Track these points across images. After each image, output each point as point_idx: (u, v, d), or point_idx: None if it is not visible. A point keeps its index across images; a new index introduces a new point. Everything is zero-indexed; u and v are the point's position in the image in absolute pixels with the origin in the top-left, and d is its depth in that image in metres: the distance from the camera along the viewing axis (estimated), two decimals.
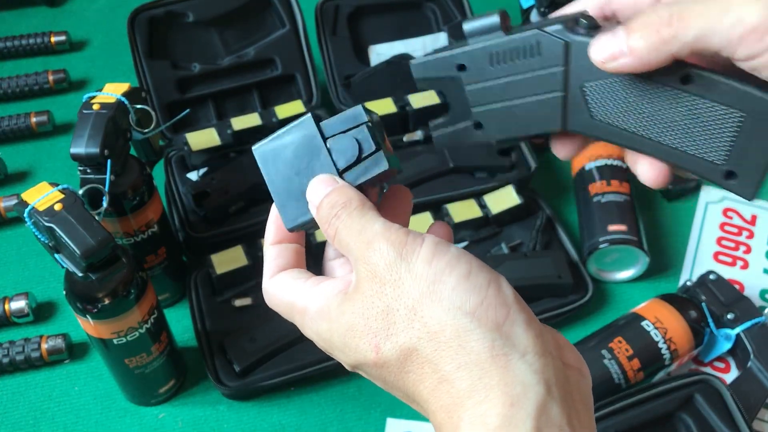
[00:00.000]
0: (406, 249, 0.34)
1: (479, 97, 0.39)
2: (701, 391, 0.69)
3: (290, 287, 0.40)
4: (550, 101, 0.38)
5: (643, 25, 0.34)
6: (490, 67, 0.38)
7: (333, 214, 0.37)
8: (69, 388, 0.79)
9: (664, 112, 0.36)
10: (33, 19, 1.24)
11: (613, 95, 0.36)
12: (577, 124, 0.38)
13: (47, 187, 0.61)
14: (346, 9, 1.02)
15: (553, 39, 0.36)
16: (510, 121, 0.39)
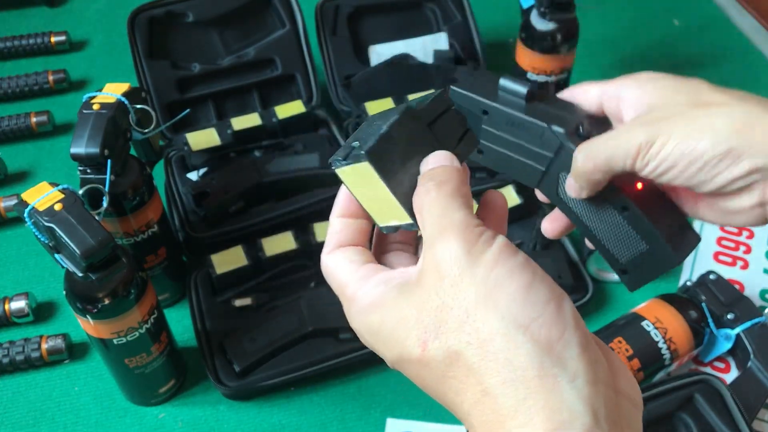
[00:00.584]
0: (475, 248, 0.33)
1: (489, 136, 0.48)
2: (701, 391, 0.69)
3: (345, 269, 0.38)
4: (534, 168, 0.48)
5: (574, 171, 0.46)
6: (505, 125, 0.48)
7: (427, 188, 0.36)
8: (69, 388, 0.79)
9: (604, 216, 0.48)
10: (33, 20, 1.24)
11: None
12: (545, 190, 0.49)
13: (47, 187, 0.61)
14: (346, 9, 1.02)
15: (554, 137, 0.46)
16: (502, 162, 0.49)
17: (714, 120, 0.42)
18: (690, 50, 1.16)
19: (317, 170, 0.88)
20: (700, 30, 1.19)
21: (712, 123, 0.42)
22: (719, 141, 0.42)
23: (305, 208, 0.87)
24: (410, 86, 0.99)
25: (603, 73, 1.13)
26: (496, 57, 1.12)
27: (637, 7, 1.24)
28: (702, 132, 0.42)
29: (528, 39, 0.90)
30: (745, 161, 0.42)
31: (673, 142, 0.42)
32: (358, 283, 0.37)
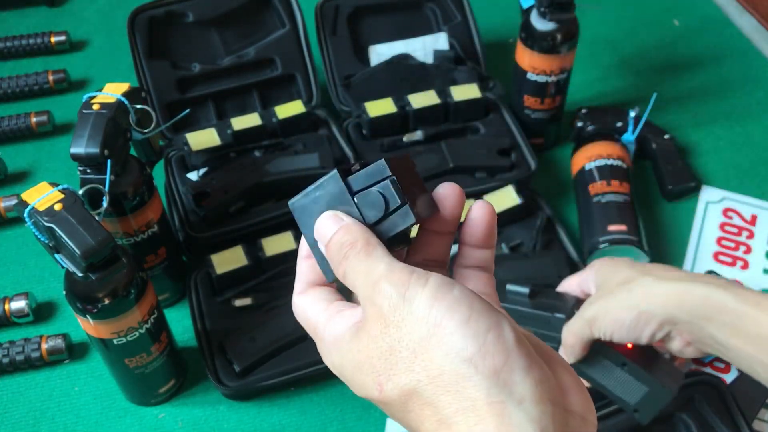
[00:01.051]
0: (409, 291, 0.35)
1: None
2: (701, 391, 0.69)
3: (314, 309, 0.40)
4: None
5: (562, 344, 0.67)
6: (518, 319, 0.55)
7: (342, 255, 0.37)
8: (69, 388, 0.79)
9: (611, 374, 0.65)
10: (33, 20, 1.24)
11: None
12: None
13: (47, 187, 0.61)
14: (346, 9, 1.02)
15: (558, 321, 0.67)
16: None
17: (628, 295, 0.61)
18: (690, 50, 1.16)
19: (317, 170, 0.88)
20: (700, 30, 1.19)
21: (628, 297, 0.61)
22: (632, 309, 0.61)
23: None
24: (410, 86, 0.99)
25: (603, 73, 1.13)
26: (496, 57, 1.12)
27: (637, 7, 1.24)
28: (621, 305, 0.61)
29: (528, 39, 0.90)
30: (653, 319, 0.60)
31: (607, 317, 0.62)
32: (326, 322, 0.39)
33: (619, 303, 0.61)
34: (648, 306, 0.60)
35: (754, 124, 1.05)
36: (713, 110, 1.07)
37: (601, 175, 0.90)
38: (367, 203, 0.39)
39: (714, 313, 0.58)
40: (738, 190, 0.96)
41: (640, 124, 0.95)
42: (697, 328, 0.59)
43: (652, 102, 0.98)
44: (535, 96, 0.95)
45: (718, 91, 1.10)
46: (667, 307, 0.59)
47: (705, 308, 0.58)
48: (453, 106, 0.95)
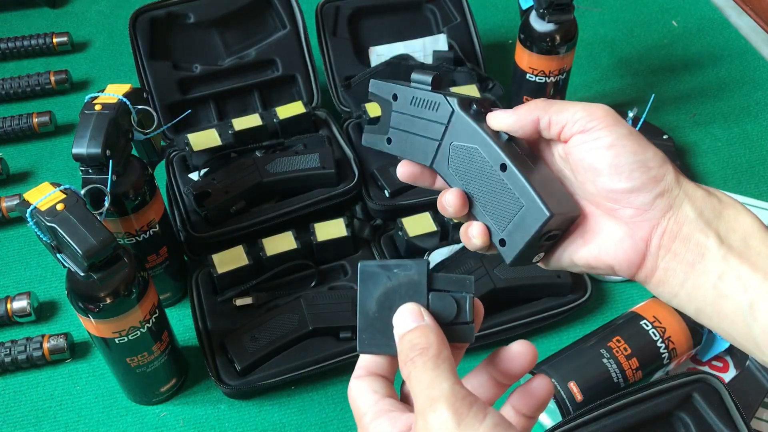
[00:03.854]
0: (465, 422, 0.34)
1: (397, 121, 0.52)
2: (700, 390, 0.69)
3: (366, 399, 0.41)
4: (430, 143, 0.51)
5: (525, 106, 0.47)
6: (409, 105, 0.51)
7: (410, 357, 0.38)
8: (71, 387, 0.79)
9: (484, 181, 0.48)
10: (35, 21, 1.24)
11: (463, 157, 0.49)
12: (438, 166, 0.51)
13: (49, 188, 0.61)
14: (347, 10, 1.03)
15: (447, 105, 0.50)
16: (405, 146, 0.52)
17: (656, 148, 0.46)
18: (688, 51, 1.16)
19: (318, 170, 0.88)
20: (698, 31, 1.20)
21: (656, 148, 0.46)
22: (658, 156, 0.45)
23: (306, 208, 0.87)
24: None
25: (601, 74, 1.13)
26: (496, 58, 1.12)
27: (636, 8, 1.24)
28: (648, 144, 0.45)
29: (527, 40, 0.91)
30: (663, 183, 0.44)
31: (622, 131, 0.44)
32: (373, 417, 0.40)
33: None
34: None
35: (752, 124, 1.05)
36: (711, 111, 1.08)
37: None
38: (439, 305, 0.40)
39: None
40: (736, 191, 0.97)
41: (639, 124, 0.96)
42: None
43: (650, 102, 0.98)
44: (534, 96, 0.95)
45: (717, 91, 1.10)
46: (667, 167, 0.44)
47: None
48: None
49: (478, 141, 0.48)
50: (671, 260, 0.44)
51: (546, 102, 0.47)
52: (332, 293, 0.81)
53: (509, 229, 0.47)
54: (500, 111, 0.48)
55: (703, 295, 0.43)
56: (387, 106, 0.52)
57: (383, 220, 0.89)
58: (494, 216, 0.48)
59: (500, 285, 0.79)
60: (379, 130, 0.53)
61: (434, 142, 0.50)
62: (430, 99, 0.51)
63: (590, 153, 0.44)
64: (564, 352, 0.75)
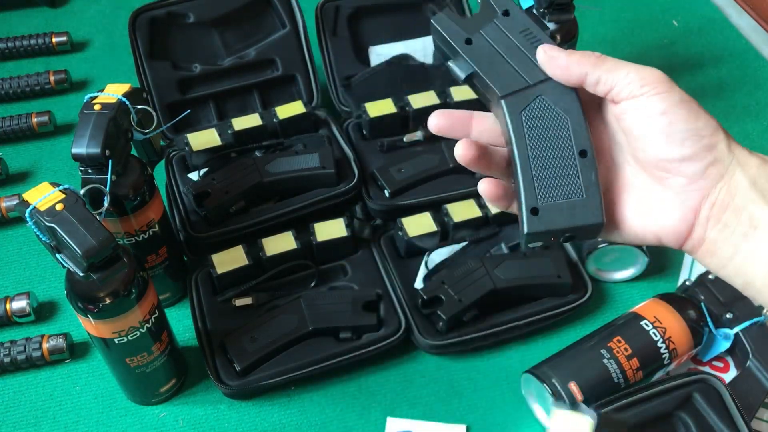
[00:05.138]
0: None
1: (492, 34, 0.47)
2: (700, 390, 0.69)
3: None
4: (519, 79, 0.46)
5: (578, 55, 0.45)
6: (518, 32, 0.47)
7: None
8: (70, 387, 0.79)
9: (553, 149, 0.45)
10: (34, 20, 1.24)
11: (545, 115, 0.46)
12: (510, 106, 0.46)
13: (49, 188, 0.61)
14: (347, 10, 1.02)
15: None
16: (484, 60, 0.46)
17: (710, 115, 0.45)
18: (689, 51, 1.16)
19: (318, 170, 0.88)
20: (699, 30, 1.20)
21: (709, 115, 0.44)
22: (710, 124, 0.44)
23: (306, 208, 0.87)
24: (410, 86, 0.99)
25: None
26: None
27: (636, 7, 1.24)
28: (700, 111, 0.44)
29: None
30: (714, 152, 0.43)
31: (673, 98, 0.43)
32: None
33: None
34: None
35: (753, 123, 1.05)
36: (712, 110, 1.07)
37: None
38: None
39: None
40: None
41: None
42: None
43: None
44: None
45: (717, 91, 1.10)
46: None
47: None
48: (453, 106, 0.95)
49: (573, 115, 0.45)
50: (721, 232, 0.42)
51: (598, 58, 0.44)
52: (332, 293, 0.81)
53: (551, 205, 0.44)
54: (553, 48, 0.45)
55: (753, 269, 0.42)
56: (488, 13, 0.47)
57: (383, 220, 0.89)
58: (542, 183, 0.45)
59: (500, 285, 0.79)
60: (464, 26, 0.47)
61: (523, 81, 0.46)
62: (545, 41, 0.46)
63: (642, 120, 0.43)
64: (564, 353, 0.75)
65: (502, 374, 0.79)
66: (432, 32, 0.47)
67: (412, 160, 0.90)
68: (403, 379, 0.79)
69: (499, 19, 0.47)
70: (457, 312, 0.77)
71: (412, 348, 0.81)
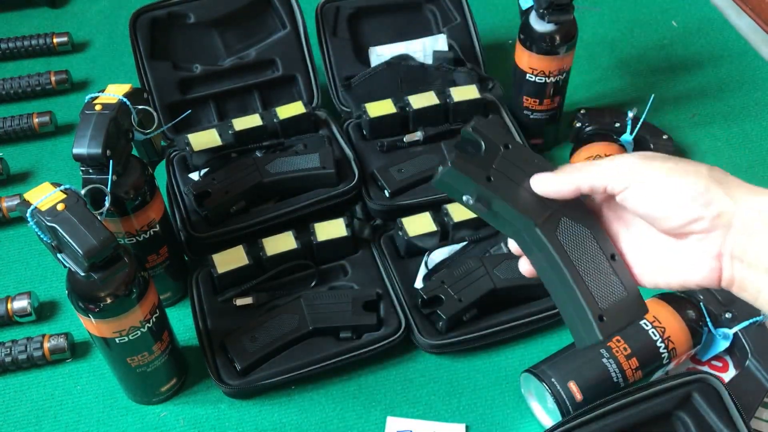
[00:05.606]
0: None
1: (504, 166, 0.51)
2: (699, 389, 0.69)
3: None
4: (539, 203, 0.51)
5: (562, 170, 0.50)
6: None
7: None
8: (71, 386, 0.79)
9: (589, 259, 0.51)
10: (35, 21, 1.24)
11: (573, 232, 0.51)
12: (545, 229, 0.51)
13: (50, 188, 0.61)
14: (347, 10, 1.03)
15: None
16: (510, 192, 0.51)
17: (696, 167, 0.48)
18: (688, 51, 1.17)
19: (318, 170, 0.88)
20: (698, 31, 1.20)
21: (695, 169, 0.47)
22: (699, 182, 0.46)
23: (306, 208, 0.87)
24: (410, 87, 0.99)
25: (601, 74, 1.13)
26: (496, 58, 1.12)
27: (636, 8, 1.24)
28: (685, 173, 0.47)
29: (527, 40, 0.91)
30: (714, 205, 0.46)
31: (658, 174, 0.47)
32: None
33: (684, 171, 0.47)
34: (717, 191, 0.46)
35: (752, 124, 1.06)
36: (711, 110, 1.08)
37: None
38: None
39: None
40: None
41: (639, 124, 0.96)
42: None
43: (650, 103, 0.98)
44: (534, 97, 0.96)
45: (716, 91, 1.10)
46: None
47: None
48: (452, 106, 0.95)
49: (593, 227, 0.51)
50: (746, 270, 0.46)
51: (577, 170, 0.49)
52: (332, 293, 0.81)
53: (608, 308, 0.50)
54: (543, 176, 0.51)
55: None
56: (494, 149, 0.51)
57: (383, 220, 0.89)
58: (597, 292, 0.50)
59: (500, 285, 0.79)
60: (479, 164, 0.50)
61: (545, 207, 0.51)
62: (543, 167, 0.51)
63: (640, 202, 0.48)
64: (564, 352, 0.75)
65: (501, 374, 0.80)
66: (445, 176, 0.50)
67: (412, 160, 0.91)
68: (403, 378, 0.79)
69: (503, 153, 0.51)
70: (456, 312, 0.77)
71: (412, 347, 0.81)
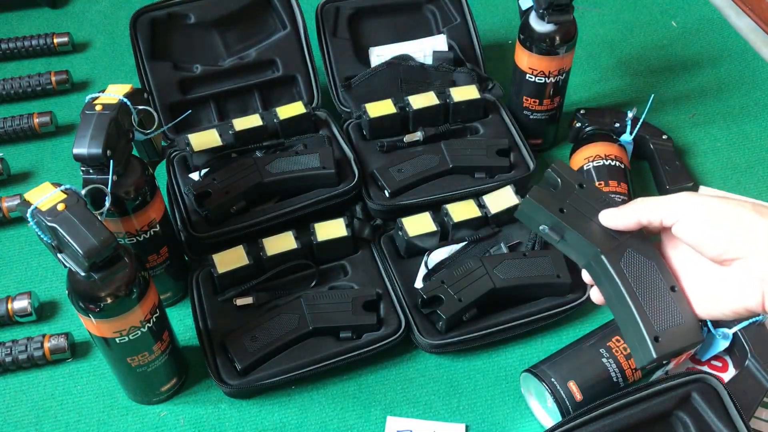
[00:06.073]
0: None
1: (576, 201, 0.59)
2: (699, 389, 0.69)
3: None
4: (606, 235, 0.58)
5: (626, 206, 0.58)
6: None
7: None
8: (71, 386, 0.80)
9: (655, 290, 0.57)
10: (35, 21, 1.24)
11: (638, 263, 0.57)
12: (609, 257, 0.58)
13: (50, 188, 0.61)
14: (347, 11, 1.03)
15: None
16: (579, 223, 0.58)
17: (740, 199, 0.53)
18: (688, 51, 1.17)
19: (318, 170, 0.88)
20: (697, 31, 1.20)
21: (739, 202, 0.53)
22: (740, 211, 0.52)
23: (306, 208, 0.87)
24: (410, 87, 1.00)
25: (601, 74, 1.13)
26: (495, 58, 1.12)
27: (635, 8, 1.24)
28: (728, 204, 0.53)
29: (526, 40, 0.91)
30: (752, 231, 0.51)
31: (704, 206, 0.53)
32: None
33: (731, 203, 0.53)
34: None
35: (752, 124, 1.06)
36: (710, 111, 1.08)
37: (599, 175, 0.90)
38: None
39: None
40: (735, 190, 0.97)
41: (638, 124, 0.96)
42: None
43: (650, 103, 0.98)
44: (533, 97, 0.96)
45: (716, 92, 1.10)
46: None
47: None
48: (452, 107, 0.95)
49: (656, 259, 0.57)
50: None
51: (639, 204, 0.56)
52: (332, 293, 0.81)
53: (664, 331, 0.55)
54: (610, 210, 0.58)
55: None
56: (569, 187, 0.59)
57: (383, 220, 0.89)
58: (654, 317, 0.55)
59: (500, 285, 0.79)
60: (554, 197, 0.58)
61: (612, 239, 0.57)
62: (612, 205, 0.58)
63: (691, 234, 0.53)
64: (563, 352, 0.75)
65: (501, 373, 0.80)
66: (525, 206, 0.59)
67: (411, 160, 0.91)
68: (403, 378, 0.79)
69: (577, 191, 0.59)
70: (456, 311, 0.78)
71: (412, 347, 0.81)
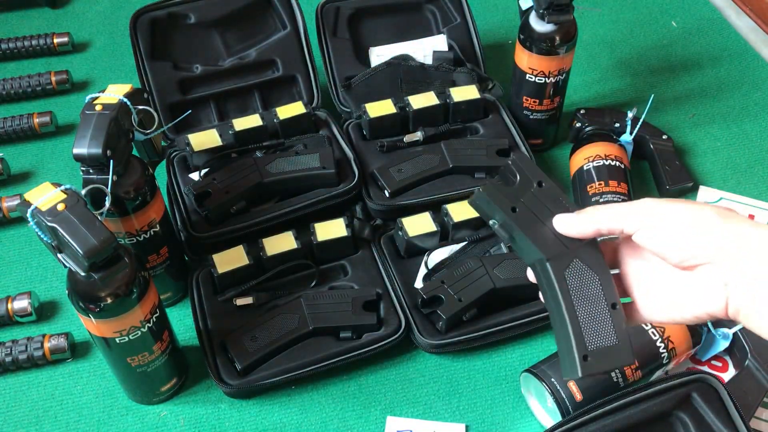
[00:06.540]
0: None
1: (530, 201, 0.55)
2: (699, 389, 0.69)
3: None
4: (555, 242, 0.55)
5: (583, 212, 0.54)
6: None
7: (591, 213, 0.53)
8: (71, 386, 0.80)
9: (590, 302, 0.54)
10: (35, 21, 1.24)
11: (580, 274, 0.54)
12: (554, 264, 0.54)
13: (50, 188, 0.61)
14: (347, 11, 1.03)
15: None
16: (529, 225, 0.55)
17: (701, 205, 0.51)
18: (688, 51, 1.17)
19: (318, 170, 0.88)
20: (697, 31, 1.20)
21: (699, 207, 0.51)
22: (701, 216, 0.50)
23: (306, 208, 0.87)
24: (410, 87, 1.00)
25: (601, 74, 1.13)
26: (495, 58, 1.12)
27: (635, 8, 1.24)
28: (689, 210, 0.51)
29: (526, 40, 0.91)
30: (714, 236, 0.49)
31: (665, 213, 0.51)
32: None
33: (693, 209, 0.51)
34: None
35: (752, 124, 1.06)
36: (710, 111, 1.08)
37: (599, 175, 0.90)
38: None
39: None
40: (735, 190, 0.97)
41: (638, 124, 0.96)
42: None
43: (650, 103, 0.98)
44: (533, 97, 0.96)
45: (716, 92, 1.10)
46: None
47: None
48: (452, 106, 0.95)
49: (602, 273, 0.54)
50: (747, 298, 0.48)
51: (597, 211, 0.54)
52: (332, 293, 0.81)
53: (595, 351, 0.53)
54: (565, 216, 0.55)
55: None
56: (527, 184, 0.55)
57: (383, 220, 0.89)
58: (588, 334, 0.53)
59: (500, 285, 0.79)
60: (508, 195, 0.55)
61: (561, 246, 0.54)
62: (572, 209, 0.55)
63: (654, 242, 0.51)
64: None
65: (501, 373, 0.80)
66: (477, 198, 0.55)
67: (411, 160, 0.91)
68: (403, 378, 0.79)
69: (535, 189, 0.55)
70: (456, 311, 0.78)
71: (412, 347, 0.81)
